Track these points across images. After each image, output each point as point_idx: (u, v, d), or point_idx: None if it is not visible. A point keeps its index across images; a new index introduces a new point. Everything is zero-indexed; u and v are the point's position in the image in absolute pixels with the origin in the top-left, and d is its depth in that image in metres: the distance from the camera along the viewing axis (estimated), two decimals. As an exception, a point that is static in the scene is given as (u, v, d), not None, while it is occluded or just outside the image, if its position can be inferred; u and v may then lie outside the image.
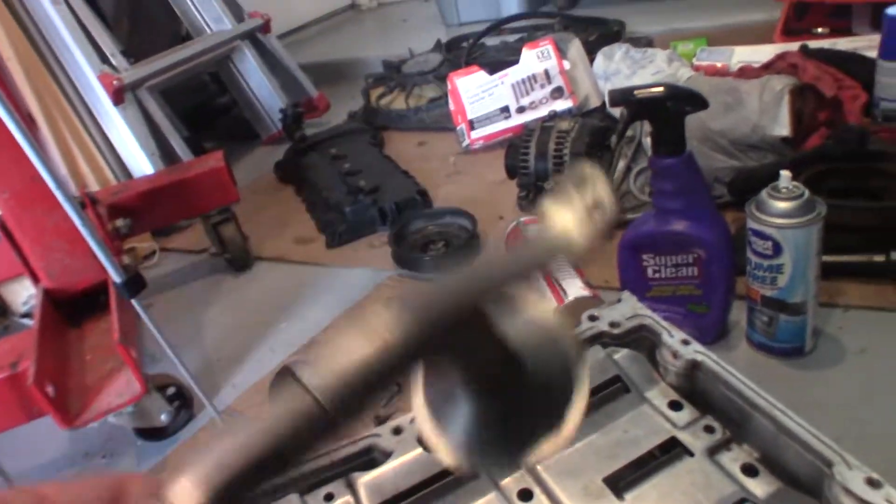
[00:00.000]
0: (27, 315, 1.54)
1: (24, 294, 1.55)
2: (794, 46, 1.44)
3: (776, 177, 0.83)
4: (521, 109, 1.74)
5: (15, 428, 1.00)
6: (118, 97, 1.72)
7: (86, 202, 1.16)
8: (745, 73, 1.38)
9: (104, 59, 1.77)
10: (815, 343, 0.90)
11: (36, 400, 0.90)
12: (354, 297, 1.27)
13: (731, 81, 1.26)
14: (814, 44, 1.47)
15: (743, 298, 0.92)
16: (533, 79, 1.74)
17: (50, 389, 0.91)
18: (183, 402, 1.09)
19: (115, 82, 1.71)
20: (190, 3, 2.17)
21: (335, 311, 1.25)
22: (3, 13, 1.65)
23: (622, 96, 0.84)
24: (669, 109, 0.82)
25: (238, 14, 2.22)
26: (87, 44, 1.73)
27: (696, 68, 1.62)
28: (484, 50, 2.14)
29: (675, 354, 0.59)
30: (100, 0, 2.26)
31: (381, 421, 0.95)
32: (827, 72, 1.21)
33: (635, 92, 0.83)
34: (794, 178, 0.95)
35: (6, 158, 1.02)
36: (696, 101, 0.82)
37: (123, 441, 1.11)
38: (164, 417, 1.05)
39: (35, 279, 1.15)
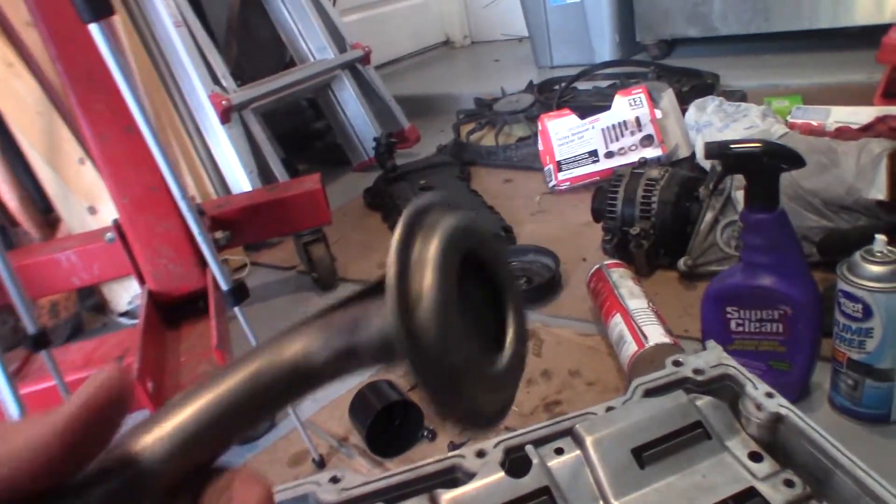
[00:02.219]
0: (126, 314, 1.64)
1: (123, 294, 1.65)
2: (895, 110, 1.42)
3: (869, 240, 0.83)
4: (609, 154, 1.76)
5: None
6: (226, 116, 1.82)
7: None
8: (843, 133, 1.37)
9: (215, 79, 1.89)
10: (902, 412, 0.89)
11: (137, 394, 0.97)
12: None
13: (828, 141, 1.26)
14: (916, 108, 1.44)
15: (827, 360, 0.91)
16: (624, 125, 1.76)
17: (150, 385, 0.98)
18: (266, 411, 1.14)
19: (223, 102, 1.82)
20: (297, 32, 2.29)
21: (414, 337, 1.29)
22: (130, 30, 1.79)
23: (718, 149, 0.85)
24: (765, 165, 0.83)
25: (341, 44, 2.32)
26: (201, 64, 1.85)
27: (791, 126, 1.61)
28: (575, 94, 2.17)
29: (759, 406, 0.59)
30: (213, 23, 2.42)
31: (455, 447, 0.98)
32: (929, 138, 1.19)
33: (732, 146, 0.84)
34: (890, 242, 0.94)
35: (130, 166, 1.11)
36: (792, 160, 0.83)
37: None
38: (248, 423, 1.10)
39: (141, 281, 1.23)
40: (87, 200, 1.62)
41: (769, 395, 0.60)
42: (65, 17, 0.82)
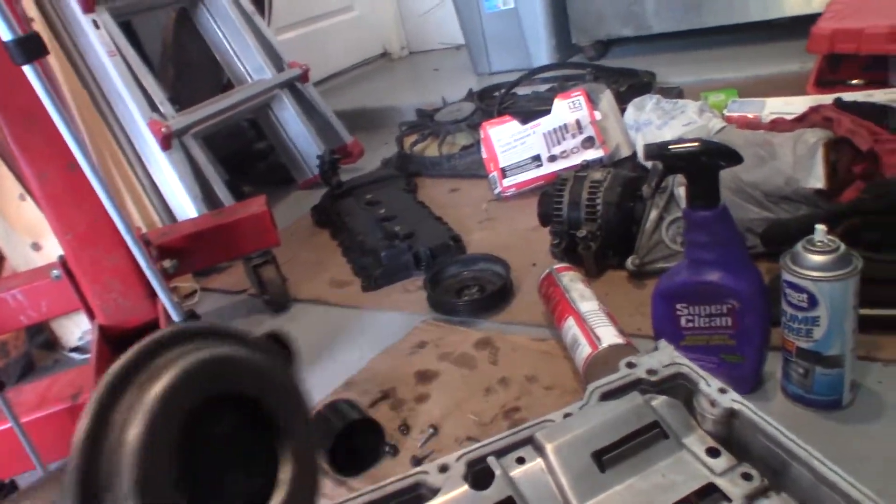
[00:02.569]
0: (77, 349, 1.59)
1: (73, 329, 1.61)
2: (827, 99, 1.45)
3: (810, 229, 0.85)
4: (552, 158, 1.78)
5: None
6: (166, 143, 1.79)
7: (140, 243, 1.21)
8: (778, 125, 1.41)
9: (153, 106, 1.85)
10: (854, 396, 0.91)
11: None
12: (390, 341, 1.30)
13: (764, 134, 1.29)
14: (848, 96, 1.47)
15: (778, 349, 0.94)
16: (564, 128, 1.78)
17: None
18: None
19: (163, 129, 1.78)
20: (233, 54, 2.26)
21: (370, 354, 1.28)
22: (63, 63, 1.74)
23: (658, 151, 0.87)
24: (704, 164, 0.85)
25: (278, 64, 2.30)
26: (138, 92, 1.81)
27: (728, 119, 1.64)
28: (515, 99, 2.20)
29: (713, 403, 0.60)
30: (147, 49, 2.38)
31: (417, 461, 0.97)
32: (862, 125, 1.23)
33: (670, 147, 0.86)
34: (830, 230, 0.97)
35: (72, 203, 1.08)
36: (730, 157, 0.85)
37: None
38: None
39: (91, 316, 1.20)
40: (31, 236, 1.58)
41: (722, 391, 0.61)
42: None
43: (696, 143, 0.85)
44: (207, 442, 0.30)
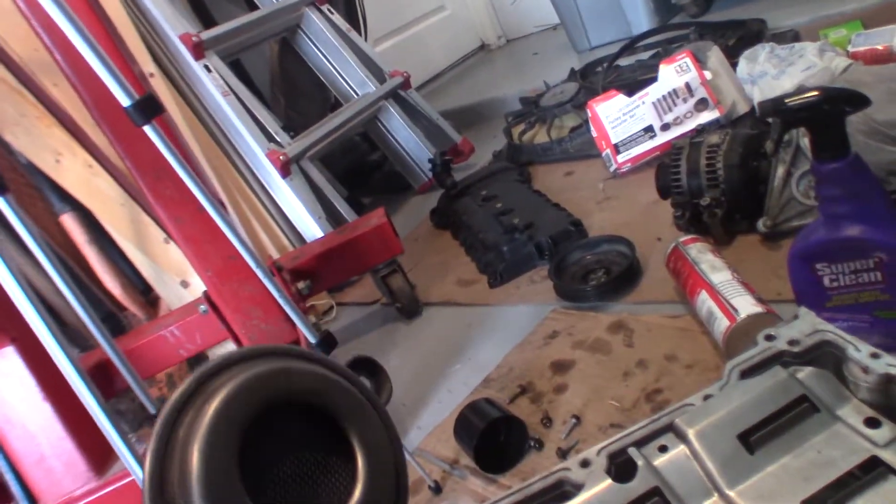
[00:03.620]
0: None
1: (227, 356, 1.72)
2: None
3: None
4: (665, 127, 1.72)
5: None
6: (286, 170, 1.88)
7: (273, 271, 1.28)
8: (909, 55, 1.29)
9: (270, 137, 1.95)
10: None
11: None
12: (522, 335, 1.31)
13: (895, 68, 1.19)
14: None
15: (937, 299, 0.86)
16: (674, 94, 1.71)
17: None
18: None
19: (281, 157, 1.88)
20: (336, 73, 2.34)
21: (505, 350, 1.29)
22: (185, 110, 1.87)
23: (773, 107, 0.82)
24: (827, 113, 0.79)
25: (380, 76, 2.36)
26: (254, 126, 1.92)
27: (853, 56, 1.53)
28: (620, 72, 2.13)
29: (866, 369, 0.57)
30: (257, 82, 2.51)
31: (563, 453, 0.98)
32: None
33: (787, 100, 0.81)
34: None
35: (207, 242, 1.16)
36: (856, 101, 0.79)
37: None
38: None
39: (238, 343, 1.29)
40: (179, 275, 1.71)
41: (874, 356, 0.57)
42: (123, 121, 0.87)
43: (815, 92, 0.80)
44: (276, 446, 0.33)
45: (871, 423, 0.55)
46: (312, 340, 0.99)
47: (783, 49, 1.61)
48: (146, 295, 1.81)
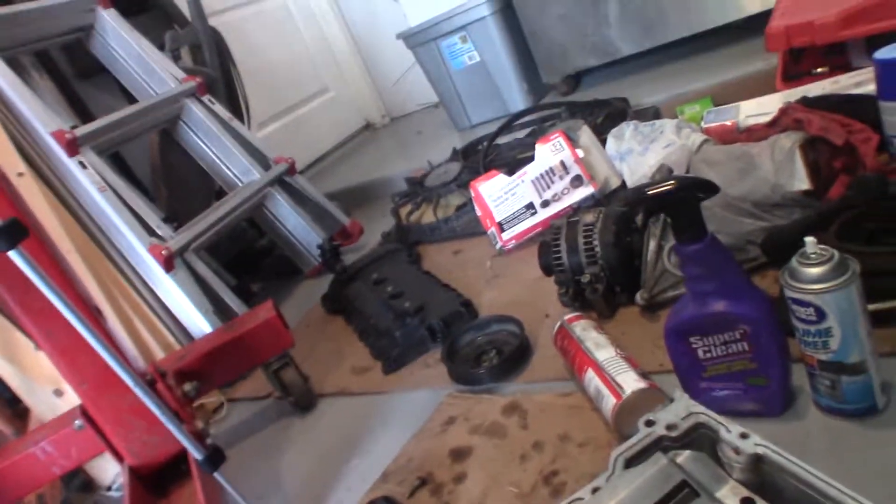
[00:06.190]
0: (114, 487, 1.59)
1: (108, 468, 1.60)
2: (797, 92, 1.46)
3: (808, 230, 0.85)
4: (545, 203, 1.79)
5: None
6: (169, 265, 1.82)
7: (155, 377, 1.22)
8: (753, 133, 1.41)
9: (151, 231, 1.88)
10: (889, 398, 0.88)
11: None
12: (419, 422, 1.30)
13: (741, 147, 1.30)
14: (816, 86, 1.49)
15: (801, 361, 0.92)
16: (551, 172, 1.79)
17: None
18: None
19: (164, 251, 1.81)
20: (219, 162, 2.31)
21: (403, 439, 1.27)
22: (59, 209, 1.79)
23: (636, 197, 0.88)
24: (683, 200, 0.85)
25: (264, 162, 2.35)
26: (133, 221, 1.85)
27: (706, 131, 1.65)
28: (499, 150, 2.22)
29: (737, 450, 0.60)
30: (138, 173, 2.44)
31: None
32: (833, 119, 1.23)
33: (647, 191, 0.86)
34: (828, 227, 0.96)
35: (80, 354, 1.10)
36: (706, 188, 0.85)
37: None
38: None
39: (119, 458, 1.21)
40: (51, 384, 1.60)
41: (744, 436, 0.60)
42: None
43: (671, 183, 0.86)
44: None
45: (747, 503, 0.57)
46: (198, 457, 0.94)
47: (646, 126, 1.72)
48: (14, 406, 1.68)
